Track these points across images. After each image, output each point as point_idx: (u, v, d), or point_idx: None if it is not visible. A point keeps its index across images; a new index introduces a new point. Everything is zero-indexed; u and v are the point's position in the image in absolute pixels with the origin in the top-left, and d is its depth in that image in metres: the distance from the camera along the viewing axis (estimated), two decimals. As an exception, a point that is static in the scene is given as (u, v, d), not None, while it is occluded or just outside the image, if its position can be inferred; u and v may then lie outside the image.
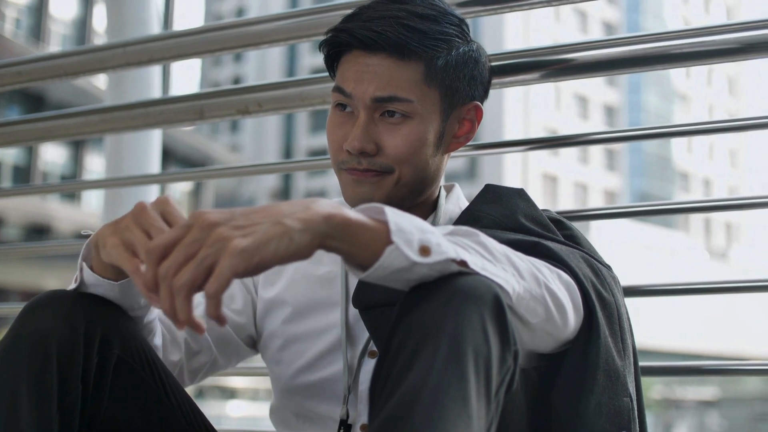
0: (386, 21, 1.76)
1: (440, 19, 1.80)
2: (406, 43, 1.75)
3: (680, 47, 2.19)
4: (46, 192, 3.97)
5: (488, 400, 1.30)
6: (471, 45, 1.86)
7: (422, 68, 1.78)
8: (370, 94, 1.78)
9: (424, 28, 1.77)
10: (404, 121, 1.79)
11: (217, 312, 1.26)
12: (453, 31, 1.82)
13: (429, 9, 1.80)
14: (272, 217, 1.30)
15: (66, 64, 2.86)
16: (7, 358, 1.58)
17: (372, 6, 1.82)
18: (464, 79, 1.84)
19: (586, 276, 1.65)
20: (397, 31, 1.75)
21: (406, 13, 1.77)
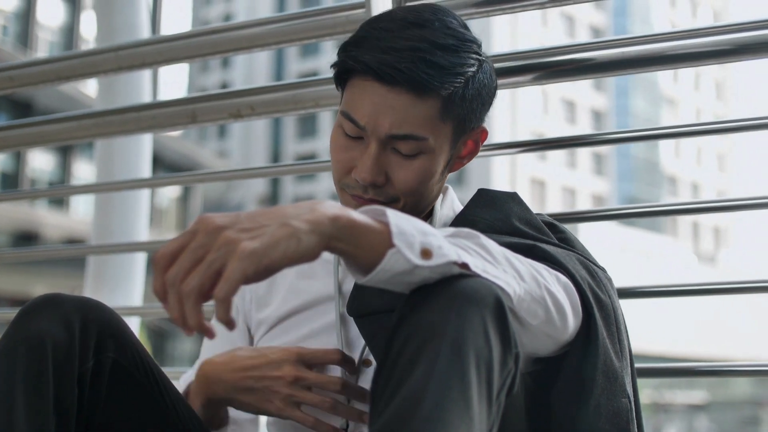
0: (407, 55, 1.69)
1: (460, 48, 1.74)
2: (428, 81, 1.69)
3: (673, 49, 2.18)
4: (37, 197, 3.97)
5: (489, 402, 1.29)
6: (485, 68, 1.81)
7: (439, 105, 1.73)
8: (386, 130, 1.73)
9: (445, 63, 1.70)
10: (416, 155, 1.76)
11: (227, 316, 1.24)
12: (471, 60, 1.76)
13: (449, 37, 1.73)
14: (279, 219, 1.29)
15: (58, 69, 2.85)
16: (3, 361, 1.58)
17: (389, 29, 1.74)
18: (477, 107, 1.81)
19: (583, 278, 1.65)
20: (419, 67, 1.68)
21: (427, 44, 1.70)
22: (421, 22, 1.74)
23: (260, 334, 2.02)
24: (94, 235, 3.49)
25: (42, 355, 1.58)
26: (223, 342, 1.99)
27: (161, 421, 1.77)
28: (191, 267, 1.26)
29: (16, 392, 1.55)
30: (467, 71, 1.74)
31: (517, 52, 2.35)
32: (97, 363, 1.66)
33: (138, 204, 3.48)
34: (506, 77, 2.33)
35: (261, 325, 2.02)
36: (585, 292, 1.62)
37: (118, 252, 3.35)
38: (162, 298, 1.28)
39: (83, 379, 1.64)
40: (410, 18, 1.75)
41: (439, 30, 1.73)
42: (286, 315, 1.98)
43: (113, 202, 3.46)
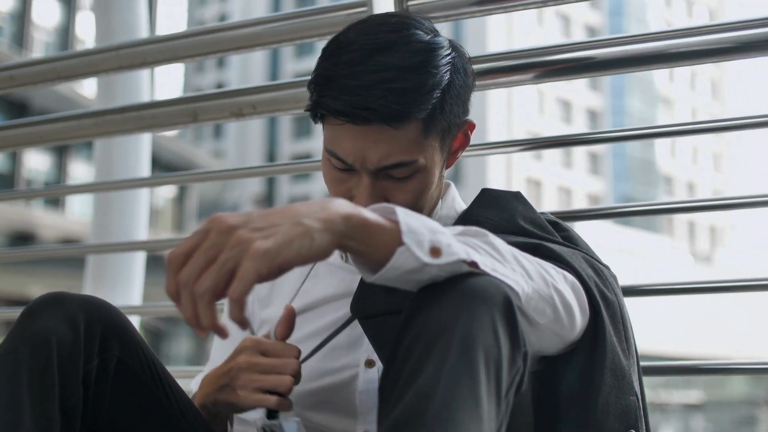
0: (376, 91, 1.65)
1: (429, 62, 1.70)
2: (402, 111, 1.66)
3: (673, 47, 2.18)
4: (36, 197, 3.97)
5: (498, 401, 1.29)
6: (458, 68, 1.77)
7: (421, 126, 1.70)
8: (374, 164, 1.72)
9: (416, 85, 1.67)
10: (411, 176, 1.75)
11: (241, 315, 1.23)
12: (443, 68, 1.72)
13: (415, 54, 1.69)
14: (291, 218, 1.28)
15: (59, 68, 2.85)
16: (8, 360, 1.57)
17: (353, 62, 1.69)
18: (459, 109, 1.79)
19: (590, 276, 1.65)
20: (390, 100, 1.65)
21: (394, 71, 1.66)
22: (384, 45, 1.69)
23: (263, 332, 2.01)
24: (93, 234, 3.48)
25: (47, 354, 1.57)
26: (233, 341, 1.98)
27: (165, 419, 1.77)
28: (204, 267, 1.25)
29: (22, 391, 1.54)
30: (441, 82, 1.71)
31: (515, 51, 2.34)
32: (101, 362, 1.66)
33: (137, 203, 3.48)
34: (504, 76, 2.33)
35: (264, 325, 2.02)
36: (592, 290, 1.62)
37: (118, 251, 3.35)
38: (175, 299, 1.27)
39: (88, 377, 1.64)
40: (372, 43, 1.70)
41: (403, 50, 1.69)
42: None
43: (112, 202, 3.45)
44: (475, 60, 2.32)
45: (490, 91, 2.34)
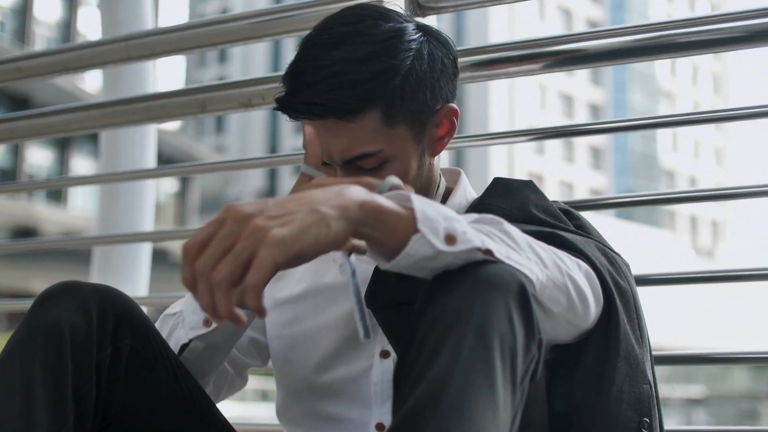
0: (325, 84, 1.65)
1: (383, 51, 1.69)
2: (353, 102, 1.66)
3: (685, 36, 2.18)
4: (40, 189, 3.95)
5: (514, 388, 1.28)
6: (423, 54, 1.75)
7: (379, 115, 1.69)
8: (339, 157, 1.72)
9: (368, 75, 1.66)
10: (381, 165, 1.73)
11: (259, 304, 1.23)
12: (402, 55, 1.71)
13: (369, 45, 1.68)
14: (307, 205, 1.28)
15: (67, 60, 2.84)
16: (22, 349, 1.58)
17: (310, 56, 1.70)
18: (427, 94, 1.76)
19: (603, 265, 1.64)
20: (340, 94, 1.65)
21: (346, 63, 1.66)
22: (339, 39, 1.69)
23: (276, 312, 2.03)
24: (99, 226, 3.48)
25: (60, 343, 1.58)
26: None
27: (178, 407, 1.77)
28: (221, 256, 1.25)
29: (35, 380, 1.54)
30: (399, 70, 1.70)
31: (520, 41, 2.34)
32: (114, 350, 1.66)
33: (143, 195, 3.48)
34: (509, 66, 2.33)
35: (276, 306, 2.02)
36: (605, 278, 1.61)
37: (123, 242, 3.35)
38: (191, 288, 1.27)
39: (101, 366, 1.64)
40: (327, 38, 1.70)
41: (358, 42, 1.68)
42: (302, 296, 1.98)
43: (118, 194, 3.45)
44: (480, 50, 2.32)
45: (491, 86, 2.35)
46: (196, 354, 1.87)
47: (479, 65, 2.35)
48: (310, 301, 1.97)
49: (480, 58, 2.35)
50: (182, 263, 1.28)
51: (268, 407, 21.53)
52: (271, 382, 20.67)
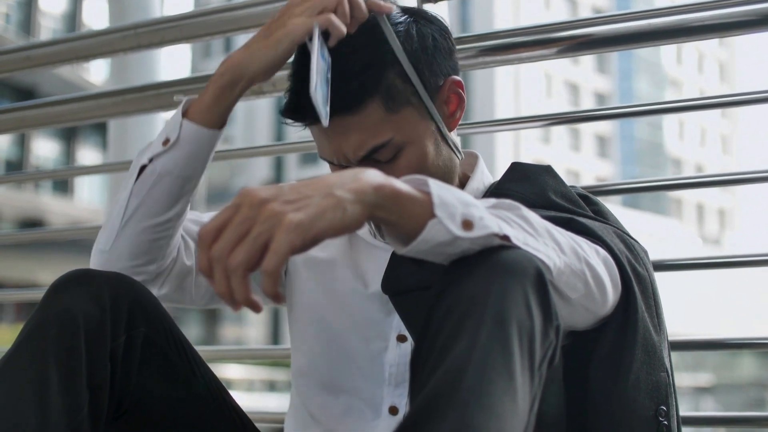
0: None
1: (370, 41, 1.72)
2: (350, 97, 1.68)
3: (700, 20, 2.17)
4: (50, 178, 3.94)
5: (532, 374, 1.28)
6: (411, 31, 1.76)
7: (381, 103, 1.70)
8: (353, 156, 1.73)
9: (361, 65, 1.70)
10: (397, 154, 1.75)
11: (275, 288, 1.22)
12: (394, 44, 1.72)
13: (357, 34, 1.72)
14: (322, 189, 1.27)
15: (77, 48, 2.84)
16: (36, 337, 1.58)
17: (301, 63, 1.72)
18: (425, 72, 1.76)
19: (621, 251, 1.64)
20: (338, 91, 1.67)
21: (343, 56, 1.69)
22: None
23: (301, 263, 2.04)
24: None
25: (74, 331, 1.58)
26: None
27: (193, 395, 1.78)
28: (236, 241, 1.24)
29: (49, 368, 1.55)
30: (387, 55, 1.71)
31: (535, 26, 2.34)
32: (128, 338, 1.66)
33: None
34: (524, 51, 2.32)
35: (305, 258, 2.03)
36: (624, 265, 1.61)
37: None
38: (208, 274, 1.26)
39: (115, 354, 1.64)
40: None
41: (354, 35, 1.72)
42: (331, 261, 1.99)
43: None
44: (492, 36, 2.31)
45: (497, 75, 2.33)
46: (152, 179, 1.86)
47: (491, 51, 2.35)
48: (338, 268, 1.98)
49: (492, 44, 2.34)
50: (198, 249, 1.27)
51: (276, 398, 21.56)
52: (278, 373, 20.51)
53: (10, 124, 3.09)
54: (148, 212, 1.85)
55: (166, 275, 1.94)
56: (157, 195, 1.85)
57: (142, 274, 1.89)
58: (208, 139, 1.87)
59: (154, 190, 1.85)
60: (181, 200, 1.89)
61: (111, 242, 1.87)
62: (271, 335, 35.67)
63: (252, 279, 1.25)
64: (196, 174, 1.89)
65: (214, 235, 1.26)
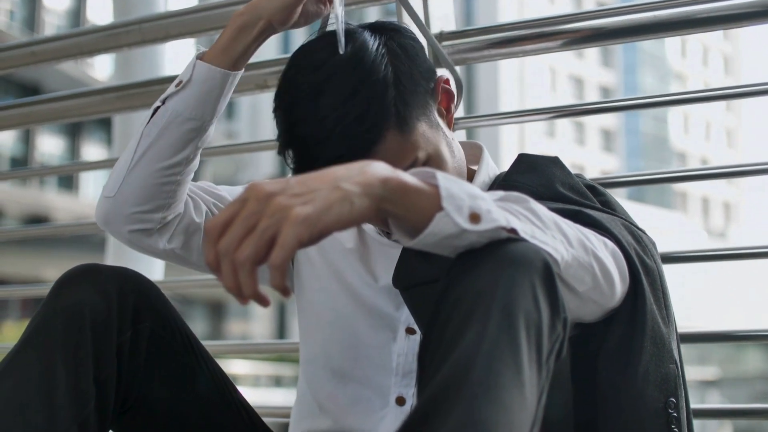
0: (337, 137, 1.63)
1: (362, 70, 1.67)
2: (368, 138, 1.64)
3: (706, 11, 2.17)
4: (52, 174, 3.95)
5: (540, 367, 1.27)
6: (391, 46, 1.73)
7: (395, 130, 1.67)
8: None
9: (366, 103, 1.64)
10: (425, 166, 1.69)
11: (283, 282, 1.22)
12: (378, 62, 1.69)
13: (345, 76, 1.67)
14: (329, 183, 1.26)
15: (81, 43, 2.83)
16: (43, 332, 1.58)
17: (303, 121, 1.67)
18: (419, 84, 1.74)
19: (629, 243, 1.63)
20: (354, 137, 1.64)
21: (339, 106, 1.63)
22: (317, 88, 1.67)
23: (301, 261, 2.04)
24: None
25: (81, 326, 1.58)
26: None
27: (199, 389, 1.78)
28: (244, 235, 1.24)
29: (56, 363, 1.55)
30: (388, 81, 1.68)
31: (540, 18, 2.34)
32: (135, 333, 1.67)
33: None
34: (529, 44, 2.31)
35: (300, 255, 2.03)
36: (632, 257, 1.60)
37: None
38: (215, 269, 1.26)
39: (122, 349, 1.65)
40: (307, 92, 1.67)
41: (334, 81, 1.66)
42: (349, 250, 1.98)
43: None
44: (497, 29, 2.31)
45: (502, 69, 2.32)
46: (164, 120, 1.89)
47: (495, 44, 2.34)
48: (349, 260, 1.98)
49: (496, 37, 2.34)
50: (206, 244, 1.27)
51: (282, 393, 21.57)
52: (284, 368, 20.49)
53: (14, 120, 3.09)
54: (157, 154, 1.86)
55: (174, 228, 1.93)
56: (167, 136, 1.87)
57: (147, 222, 1.88)
58: (220, 79, 1.88)
59: (165, 132, 1.87)
60: (190, 144, 1.89)
61: (117, 187, 1.87)
62: (277, 330, 35.67)
63: (259, 272, 1.25)
64: (206, 117, 1.90)
65: (221, 229, 1.26)
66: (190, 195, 1.98)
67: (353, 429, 1.89)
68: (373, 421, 1.87)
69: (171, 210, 1.91)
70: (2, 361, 1.58)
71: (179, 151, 1.88)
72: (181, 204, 1.93)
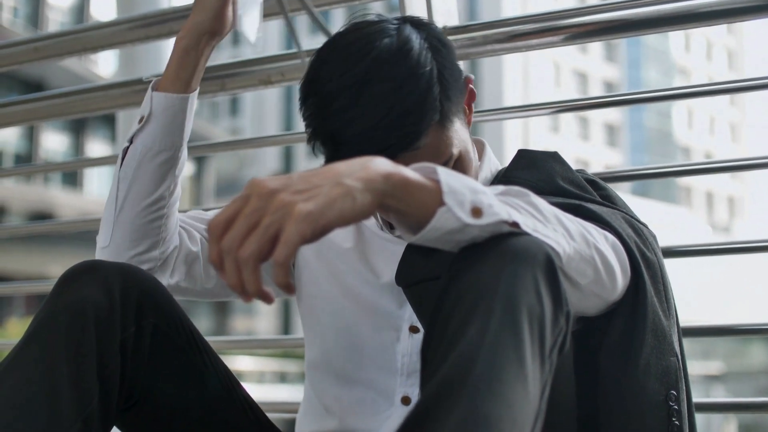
0: (382, 129, 1.62)
1: (411, 64, 1.66)
2: (414, 133, 1.64)
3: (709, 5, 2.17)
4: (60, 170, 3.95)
5: (542, 360, 1.27)
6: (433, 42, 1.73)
7: (437, 125, 1.68)
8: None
9: (416, 99, 1.64)
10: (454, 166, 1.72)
11: (286, 279, 1.22)
12: (423, 56, 1.68)
13: (396, 67, 1.65)
14: (332, 179, 1.26)
15: (85, 39, 2.83)
16: (46, 328, 1.58)
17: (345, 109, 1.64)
18: (457, 80, 1.75)
19: (630, 237, 1.63)
20: (401, 130, 1.63)
21: (388, 98, 1.63)
22: (364, 78, 1.64)
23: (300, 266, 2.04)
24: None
25: (84, 322, 1.58)
26: None
27: (203, 386, 1.78)
28: (247, 233, 1.24)
29: (59, 360, 1.55)
30: (433, 76, 1.68)
31: (544, 13, 2.33)
32: (138, 329, 1.67)
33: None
34: (533, 38, 2.31)
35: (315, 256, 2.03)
36: (632, 250, 1.60)
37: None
38: (218, 266, 1.26)
39: (125, 345, 1.65)
40: (351, 80, 1.65)
41: (384, 71, 1.65)
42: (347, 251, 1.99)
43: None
44: (501, 23, 2.31)
45: (506, 64, 2.32)
46: (135, 158, 1.90)
47: (499, 39, 2.34)
48: (349, 259, 1.98)
49: (500, 32, 2.34)
50: (209, 241, 1.27)
51: (287, 389, 21.57)
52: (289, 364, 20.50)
53: (18, 116, 3.09)
54: (139, 194, 1.89)
55: (173, 262, 1.95)
56: (143, 173, 1.89)
57: (148, 262, 1.91)
58: (179, 105, 1.91)
59: (140, 170, 1.89)
60: (168, 175, 1.92)
61: (110, 236, 1.90)
62: (281, 326, 35.70)
63: (263, 270, 1.25)
64: (176, 144, 1.93)
65: (224, 226, 1.26)
66: (182, 226, 2.00)
67: (359, 430, 1.89)
68: (378, 422, 1.87)
69: (166, 244, 1.94)
70: (6, 357, 1.58)
71: (159, 185, 1.91)
72: (174, 236, 1.96)
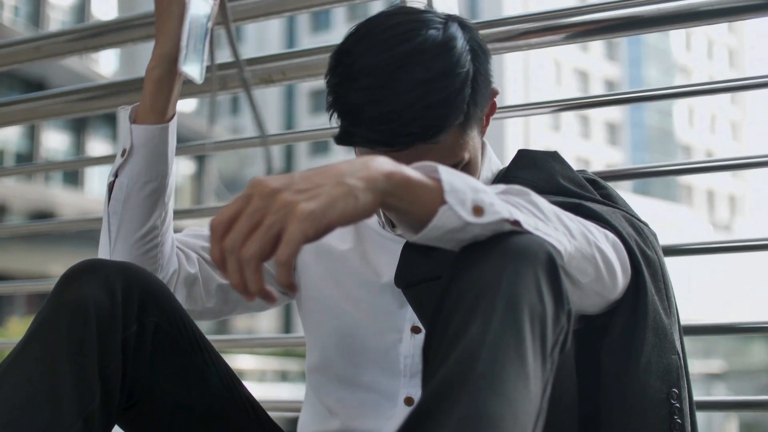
0: (409, 114, 1.61)
1: (450, 59, 1.65)
2: (440, 126, 1.63)
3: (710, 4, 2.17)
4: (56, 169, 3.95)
5: (544, 359, 1.28)
6: (475, 46, 1.72)
7: (458, 126, 1.67)
8: None
9: (446, 93, 1.63)
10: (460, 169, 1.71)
11: (289, 279, 1.22)
12: (463, 56, 1.67)
13: (435, 58, 1.64)
14: (334, 178, 1.26)
15: (86, 38, 2.82)
16: (48, 327, 1.58)
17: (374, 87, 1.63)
18: (489, 87, 1.76)
19: (630, 235, 1.64)
20: (426, 120, 1.62)
21: (420, 85, 1.61)
22: (401, 60, 1.63)
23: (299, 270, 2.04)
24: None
25: (85, 321, 1.58)
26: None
27: (205, 384, 1.78)
28: (249, 232, 1.24)
29: (61, 359, 1.54)
30: (468, 77, 1.67)
31: (544, 12, 2.32)
32: (140, 328, 1.66)
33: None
34: (533, 37, 2.31)
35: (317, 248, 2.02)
36: (633, 249, 1.61)
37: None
38: (221, 266, 1.26)
39: (127, 344, 1.64)
40: (387, 60, 1.64)
41: (422, 59, 1.63)
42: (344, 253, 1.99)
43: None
44: (501, 22, 2.31)
45: (507, 63, 2.32)
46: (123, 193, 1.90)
47: (499, 38, 2.34)
48: (349, 260, 1.97)
49: (500, 30, 2.33)
50: (210, 241, 1.27)
51: (288, 387, 21.57)
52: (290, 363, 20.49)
53: (19, 115, 3.08)
54: (131, 227, 1.89)
55: (174, 286, 1.96)
56: (132, 206, 1.90)
57: None
58: (159, 135, 1.91)
59: (129, 203, 1.90)
60: (158, 204, 1.92)
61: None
62: (283, 326, 35.66)
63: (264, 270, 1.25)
64: (162, 174, 1.92)
65: (226, 226, 1.26)
66: (179, 248, 2.01)
67: (362, 431, 1.90)
68: (381, 423, 1.88)
69: (165, 269, 1.95)
70: (7, 356, 1.57)
71: (150, 216, 1.91)
72: (173, 260, 1.97)
